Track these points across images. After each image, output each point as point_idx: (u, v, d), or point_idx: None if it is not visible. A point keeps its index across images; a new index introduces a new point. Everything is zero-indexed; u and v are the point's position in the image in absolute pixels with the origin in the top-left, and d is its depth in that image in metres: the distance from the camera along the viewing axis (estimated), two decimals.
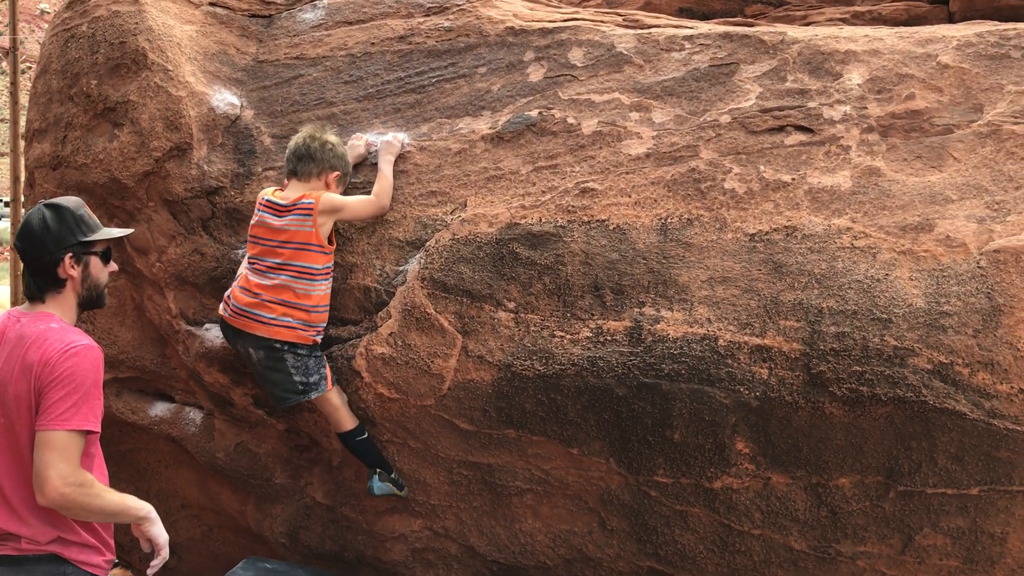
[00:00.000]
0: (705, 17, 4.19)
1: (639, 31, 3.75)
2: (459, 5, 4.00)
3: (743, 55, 3.54)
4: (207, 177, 3.85)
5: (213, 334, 3.84)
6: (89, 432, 2.55)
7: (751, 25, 3.81)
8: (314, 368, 3.47)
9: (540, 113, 3.62)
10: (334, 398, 3.52)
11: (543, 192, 3.46)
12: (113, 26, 3.97)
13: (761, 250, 3.13)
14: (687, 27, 3.78)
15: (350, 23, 4.09)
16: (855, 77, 3.37)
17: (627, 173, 3.40)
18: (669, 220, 3.27)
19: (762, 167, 3.28)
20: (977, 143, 3.12)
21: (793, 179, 3.22)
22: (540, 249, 3.35)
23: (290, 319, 3.41)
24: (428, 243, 3.50)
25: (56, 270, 2.67)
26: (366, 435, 3.60)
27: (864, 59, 3.40)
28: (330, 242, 3.51)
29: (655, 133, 3.46)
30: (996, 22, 3.54)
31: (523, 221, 3.41)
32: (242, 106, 3.99)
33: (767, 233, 3.15)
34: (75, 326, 2.73)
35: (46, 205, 2.72)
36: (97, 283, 2.78)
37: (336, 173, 3.53)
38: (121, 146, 3.89)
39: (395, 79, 3.91)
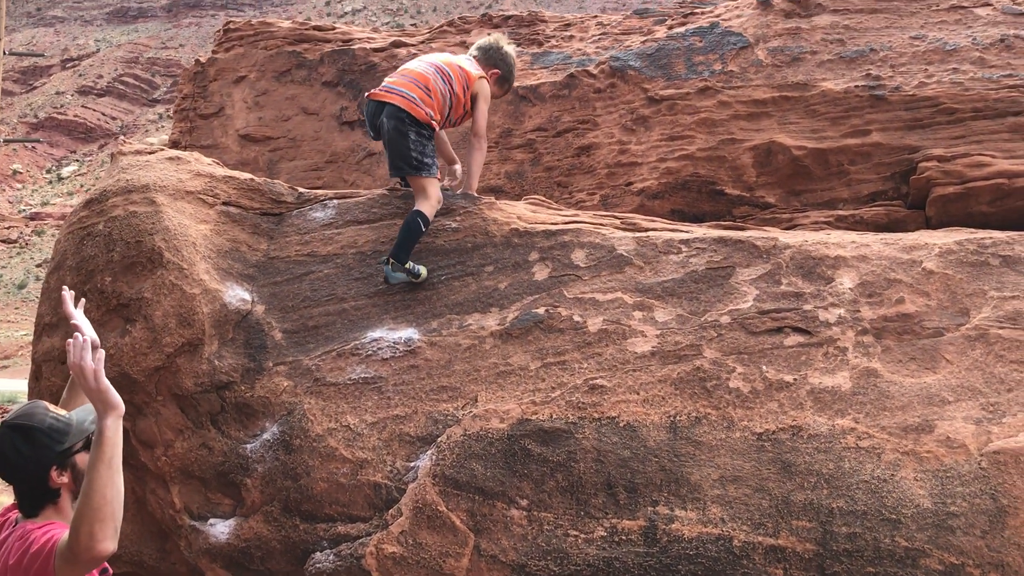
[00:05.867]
0: (696, 218, 4.45)
1: (637, 234, 3.97)
2: (465, 207, 4.21)
3: (738, 259, 3.75)
4: (217, 372, 3.92)
5: (218, 530, 3.81)
6: None
7: (742, 229, 4.05)
8: (429, 152, 4.09)
9: (547, 311, 3.77)
10: (431, 188, 4.06)
11: (553, 388, 3.56)
12: (130, 226, 4.11)
13: (769, 449, 3.24)
14: (682, 231, 4.01)
15: (360, 222, 4.28)
16: (846, 281, 3.58)
17: (634, 371, 3.53)
18: (678, 418, 3.38)
19: (764, 367, 3.42)
20: (967, 346, 3.31)
21: (795, 379, 3.37)
22: (552, 446, 3.42)
23: (416, 98, 4.07)
24: (439, 439, 3.56)
25: (46, 485, 2.54)
26: (424, 231, 3.99)
27: (853, 264, 3.62)
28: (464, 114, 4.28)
29: (659, 332, 3.62)
30: (971, 229, 3.81)
31: (534, 417, 3.49)
32: (253, 301, 4.11)
33: (774, 432, 3.27)
34: None
35: (11, 429, 2.55)
36: None
37: (497, 71, 4.32)
38: (133, 341, 3.96)
39: None
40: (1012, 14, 4.58)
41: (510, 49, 4.40)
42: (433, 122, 4.10)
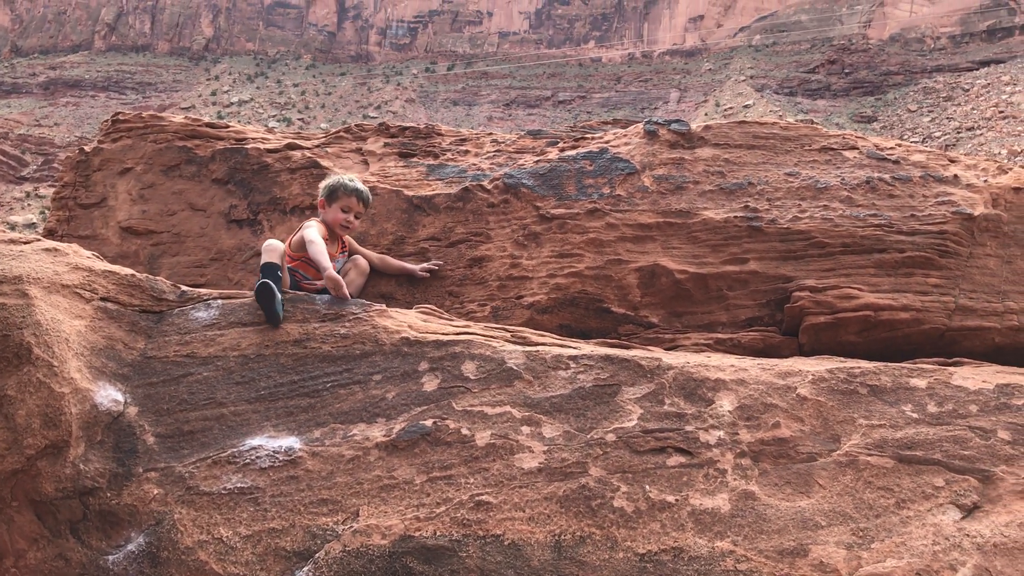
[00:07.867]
0: (584, 334, 4.55)
1: (527, 348, 4.02)
2: (355, 313, 4.19)
3: (624, 377, 3.84)
4: (82, 477, 3.70)
5: None
6: None
7: (628, 347, 4.15)
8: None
9: (435, 423, 3.74)
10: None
11: (438, 504, 3.51)
12: None
13: (651, 571, 3.26)
14: (571, 346, 4.08)
15: (244, 324, 4.19)
16: (726, 404, 3.70)
17: (521, 487, 3.52)
18: (563, 537, 3.37)
19: (648, 487, 3.47)
20: (838, 472, 3.45)
21: (677, 500, 3.42)
22: (435, 564, 3.35)
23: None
24: (317, 555, 3.44)
25: None
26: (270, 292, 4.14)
27: (732, 388, 3.75)
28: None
29: (546, 448, 3.64)
30: (841, 358, 4.03)
31: (417, 534, 3.42)
32: (126, 403, 3.93)
33: (656, 554, 3.29)
34: None
35: None
36: None
37: (320, 199, 4.81)
38: None
39: (288, 382, 3.97)
40: (875, 158, 4.96)
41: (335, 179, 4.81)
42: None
